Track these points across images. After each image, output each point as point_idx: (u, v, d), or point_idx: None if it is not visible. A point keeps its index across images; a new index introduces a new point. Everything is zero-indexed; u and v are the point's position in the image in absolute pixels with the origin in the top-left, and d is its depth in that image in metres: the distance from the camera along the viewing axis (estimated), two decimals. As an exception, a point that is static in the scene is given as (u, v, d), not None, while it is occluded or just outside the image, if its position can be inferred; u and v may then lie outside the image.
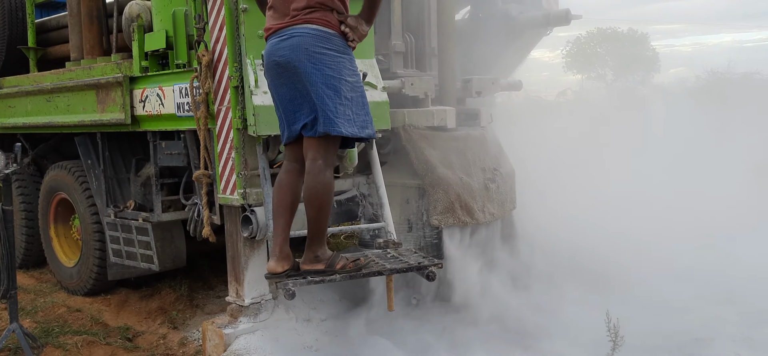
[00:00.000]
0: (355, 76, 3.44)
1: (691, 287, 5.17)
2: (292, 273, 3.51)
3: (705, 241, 5.93)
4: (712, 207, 6.44)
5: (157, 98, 4.97)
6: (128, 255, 5.54)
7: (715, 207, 6.45)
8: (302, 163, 3.50)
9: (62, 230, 6.48)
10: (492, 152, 5.08)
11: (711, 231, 6.08)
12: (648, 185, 6.73)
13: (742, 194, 6.77)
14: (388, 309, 3.87)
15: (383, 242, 4.03)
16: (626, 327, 4.02)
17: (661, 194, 6.58)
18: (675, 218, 6.16)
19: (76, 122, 5.68)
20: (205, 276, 6.31)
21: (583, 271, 4.99)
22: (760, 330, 4.49)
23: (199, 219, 4.88)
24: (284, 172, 3.57)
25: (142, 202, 5.57)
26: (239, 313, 4.63)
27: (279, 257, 3.50)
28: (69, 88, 5.72)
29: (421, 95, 4.95)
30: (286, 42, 3.35)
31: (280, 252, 3.50)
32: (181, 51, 4.79)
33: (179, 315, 5.51)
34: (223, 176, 4.54)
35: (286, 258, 3.51)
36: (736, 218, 6.40)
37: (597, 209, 5.81)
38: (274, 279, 3.52)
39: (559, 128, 7.51)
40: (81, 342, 4.96)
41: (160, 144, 5.18)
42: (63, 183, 6.20)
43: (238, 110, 4.31)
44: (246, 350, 4.38)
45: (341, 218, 4.85)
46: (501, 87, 5.54)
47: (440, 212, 4.66)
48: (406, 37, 5.27)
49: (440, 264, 3.70)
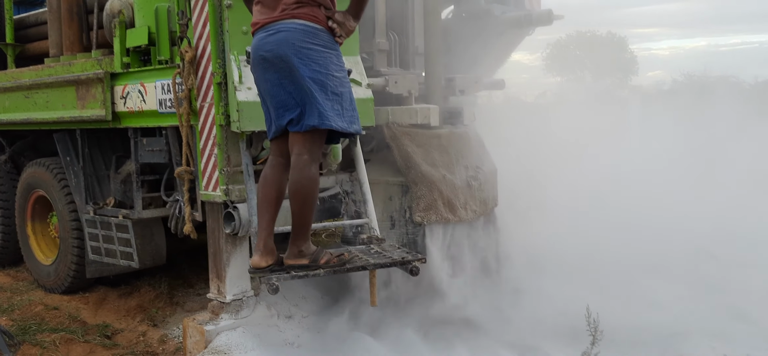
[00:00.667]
0: (342, 72, 3.46)
1: (669, 282, 5.25)
2: (276, 268, 3.51)
3: (683, 237, 6.03)
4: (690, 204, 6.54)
5: (138, 94, 4.94)
6: (107, 253, 5.50)
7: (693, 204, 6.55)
8: (288, 158, 3.51)
9: (40, 227, 6.41)
10: (474, 150, 5.12)
11: (689, 227, 6.18)
12: (627, 182, 6.82)
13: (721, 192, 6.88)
14: (371, 305, 3.88)
15: (367, 238, 4.05)
16: (605, 321, 4.07)
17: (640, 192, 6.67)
18: (654, 214, 6.25)
19: (55, 119, 5.63)
20: (185, 273, 6.27)
21: (564, 267, 5.05)
22: (733, 325, 4.58)
23: (181, 216, 4.86)
24: (269, 167, 3.58)
25: (122, 199, 5.53)
26: (220, 310, 4.62)
27: (263, 251, 3.50)
28: (48, 84, 5.67)
29: (404, 93, 4.97)
30: (273, 37, 3.35)
31: (264, 247, 3.50)
32: (163, 47, 4.76)
33: (159, 313, 5.48)
34: (206, 173, 4.52)
35: (270, 253, 3.52)
36: (714, 214, 6.50)
37: (577, 206, 5.88)
38: (257, 274, 3.52)
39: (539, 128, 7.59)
40: (59, 339, 4.91)
41: (142, 141, 5.15)
42: (41, 180, 6.14)
43: (221, 107, 4.30)
44: (227, 347, 4.37)
45: (324, 215, 4.87)
46: (484, 86, 5.58)
47: (423, 209, 4.68)
48: (390, 36, 5.29)
49: (423, 259, 3.73)
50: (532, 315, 4.61)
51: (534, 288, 4.80)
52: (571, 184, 6.35)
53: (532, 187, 6.05)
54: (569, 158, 6.71)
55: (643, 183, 6.84)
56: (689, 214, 6.39)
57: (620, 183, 6.68)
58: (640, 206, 6.37)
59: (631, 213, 6.15)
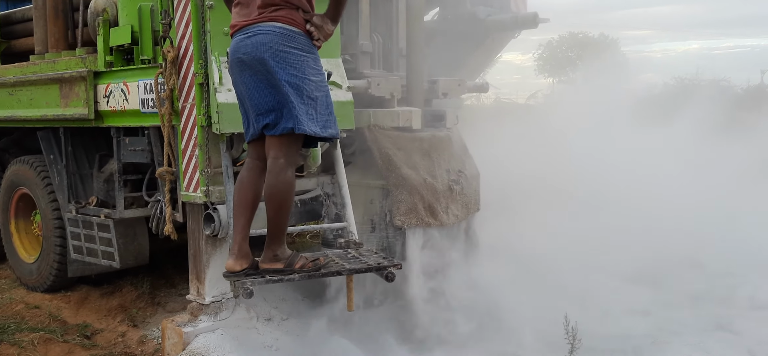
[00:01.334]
0: (320, 76, 3.44)
1: (652, 290, 5.24)
2: (251, 272, 3.49)
3: (669, 245, 6.02)
4: (678, 211, 6.54)
5: (121, 93, 4.92)
6: (89, 252, 5.47)
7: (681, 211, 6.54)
8: (265, 161, 3.49)
9: (23, 225, 6.38)
10: (457, 154, 5.11)
11: (676, 235, 6.17)
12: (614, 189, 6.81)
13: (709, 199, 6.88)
14: (348, 309, 3.87)
15: (344, 242, 4.03)
16: (584, 329, 4.06)
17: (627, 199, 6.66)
18: (641, 221, 6.25)
19: (38, 117, 5.60)
20: (168, 274, 6.24)
21: (546, 274, 5.03)
22: (714, 335, 4.57)
23: (162, 216, 4.83)
24: (246, 169, 3.56)
25: (104, 198, 5.50)
26: (199, 311, 4.60)
27: (238, 255, 3.49)
28: (32, 81, 5.64)
29: (387, 96, 4.95)
30: (251, 39, 3.34)
31: (239, 251, 3.49)
32: (146, 46, 4.74)
33: (140, 313, 5.46)
34: (187, 174, 4.50)
35: (245, 257, 3.50)
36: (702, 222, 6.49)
37: (562, 213, 5.87)
38: (232, 278, 3.50)
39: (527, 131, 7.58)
40: (37, 339, 4.88)
41: (124, 140, 5.13)
42: (24, 178, 6.11)
43: (203, 108, 4.28)
44: (205, 349, 4.35)
45: (305, 218, 4.84)
46: (467, 89, 5.57)
47: (403, 213, 4.66)
48: (373, 38, 5.27)
49: (399, 265, 3.71)
50: (511, 322, 4.59)
51: (514, 294, 4.78)
52: (558, 189, 6.35)
53: (517, 191, 6.04)
54: (556, 163, 6.71)
55: (631, 190, 6.84)
56: (677, 222, 6.38)
57: (607, 190, 6.68)
58: (627, 213, 6.36)
59: (616, 220, 6.15)
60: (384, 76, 5.01)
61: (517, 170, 6.22)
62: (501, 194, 5.81)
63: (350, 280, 3.87)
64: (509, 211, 5.63)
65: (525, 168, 6.42)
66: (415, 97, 5.11)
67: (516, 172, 6.19)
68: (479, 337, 4.50)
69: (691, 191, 6.94)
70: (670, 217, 6.44)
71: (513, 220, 5.58)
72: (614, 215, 6.27)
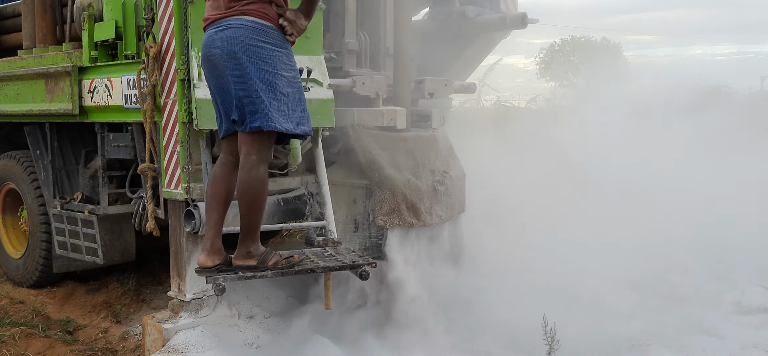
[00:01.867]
0: (292, 72, 3.41)
1: (634, 293, 5.21)
2: (224, 268, 3.47)
3: (658, 248, 5.99)
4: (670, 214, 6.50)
5: (105, 88, 4.90)
6: (73, 248, 5.45)
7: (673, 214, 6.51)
8: (238, 157, 3.47)
9: (10, 220, 6.37)
10: (442, 154, 5.08)
11: (666, 238, 6.14)
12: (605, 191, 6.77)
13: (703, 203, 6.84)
14: (325, 307, 3.86)
15: (323, 240, 4.01)
16: (565, 331, 4.03)
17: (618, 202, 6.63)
18: (631, 224, 6.21)
19: (24, 111, 5.59)
20: (155, 270, 6.22)
21: (529, 276, 5.00)
22: (697, 338, 4.54)
23: (144, 213, 4.81)
24: (219, 165, 3.54)
25: (90, 194, 5.49)
26: (180, 308, 4.57)
27: (210, 251, 3.46)
28: (19, 76, 5.63)
29: (372, 95, 4.92)
30: (222, 33, 3.32)
31: (211, 246, 3.46)
32: (130, 42, 4.72)
33: (123, 310, 5.45)
34: (168, 170, 4.48)
35: (218, 253, 3.48)
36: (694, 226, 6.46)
37: (549, 214, 5.83)
38: (204, 273, 3.48)
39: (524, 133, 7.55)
40: (19, 334, 4.87)
41: (108, 136, 5.11)
42: (11, 173, 6.10)
43: (185, 104, 4.26)
44: (185, 345, 4.33)
45: (288, 217, 4.81)
46: (454, 89, 5.54)
47: (386, 213, 4.64)
48: (360, 36, 5.25)
49: (374, 264, 3.69)
50: (491, 324, 4.56)
51: (495, 296, 4.76)
52: (548, 191, 6.31)
53: (505, 193, 6.01)
54: (548, 165, 6.67)
55: (622, 193, 6.81)
56: (667, 225, 6.35)
57: (598, 192, 6.65)
58: (617, 216, 6.33)
59: (605, 223, 6.11)
60: (369, 75, 4.98)
61: (508, 171, 6.19)
62: (492, 196, 5.79)
63: (328, 279, 3.86)
64: (498, 213, 5.60)
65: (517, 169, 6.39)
66: (402, 96, 5.09)
67: (506, 173, 6.16)
68: (459, 337, 4.47)
69: (687, 195, 6.90)
70: (665, 221, 6.40)
71: (501, 222, 5.54)
72: (607, 218, 6.23)
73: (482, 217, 5.41)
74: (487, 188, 5.75)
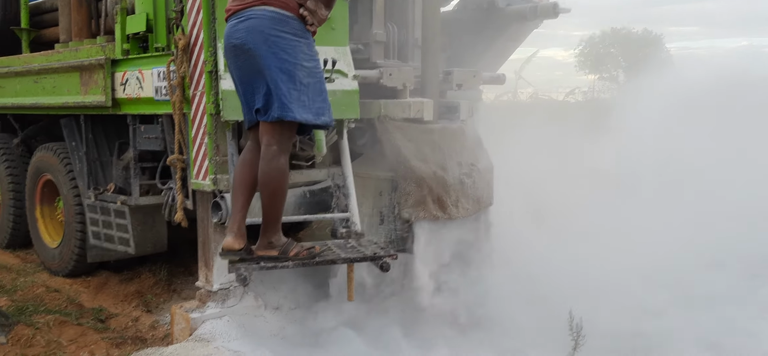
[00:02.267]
0: (313, 62, 3.41)
1: (669, 291, 5.08)
2: (245, 257, 3.48)
3: (691, 245, 5.84)
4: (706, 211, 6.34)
5: (136, 81, 4.98)
6: (107, 238, 5.55)
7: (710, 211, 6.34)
8: None
9: (48, 211, 6.52)
10: (470, 147, 5.02)
11: (700, 235, 5.98)
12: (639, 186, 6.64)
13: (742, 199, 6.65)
14: (348, 299, 3.86)
15: (346, 232, 4.00)
16: (593, 327, 3.96)
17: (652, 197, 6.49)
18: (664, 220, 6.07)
19: (60, 104, 5.70)
20: (186, 261, 6.29)
21: (556, 270, 4.92)
22: (732, 338, 4.41)
23: (173, 204, 4.87)
24: (246, 151, 3.55)
25: (123, 185, 5.58)
26: (207, 298, 4.63)
27: (237, 234, 3.47)
28: (55, 69, 5.75)
29: (399, 86, 4.89)
30: (243, 24, 3.33)
31: (238, 230, 3.47)
32: (160, 34, 4.79)
33: (154, 299, 5.53)
34: (197, 161, 4.53)
35: (244, 237, 3.48)
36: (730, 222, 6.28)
37: (579, 209, 5.74)
38: (229, 256, 3.47)
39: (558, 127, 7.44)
40: (53, 321, 4.98)
41: (139, 128, 5.19)
42: (48, 164, 6.24)
43: (212, 95, 4.29)
44: (211, 335, 4.37)
45: (314, 209, 4.82)
46: (483, 80, 5.47)
47: (411, 206, 4.61)
48: (388, 27, 5.22)
49: (395, 256, 3.67)
50: (517, 318, 4.51)
51: (521, 290, 4.70)
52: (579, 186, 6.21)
53: (533, 187, 5.93)
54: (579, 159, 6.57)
55: (657, 188, 6.66)
56: (702, 221, 6.18)
57: (631, 187, 6.52)
58: (650, 211, 6.20)
59: (638, 219, 5.99)
60: (397, 67, 4.96)
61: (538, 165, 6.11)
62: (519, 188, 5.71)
63: (351, 270, 3.86)
64: (525, 206, 5.53)
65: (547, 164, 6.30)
66: (429, 88, 5.05)
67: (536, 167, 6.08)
68: (484, 331, 4.42)
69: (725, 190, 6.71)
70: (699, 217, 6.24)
71: (528, 215, 5.47)
72: (639, 214, 6.11)
73: (510, 211, 5.34)
74: (516, 182, 5.67)
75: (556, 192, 6.10)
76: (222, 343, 4.31)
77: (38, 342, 4.67)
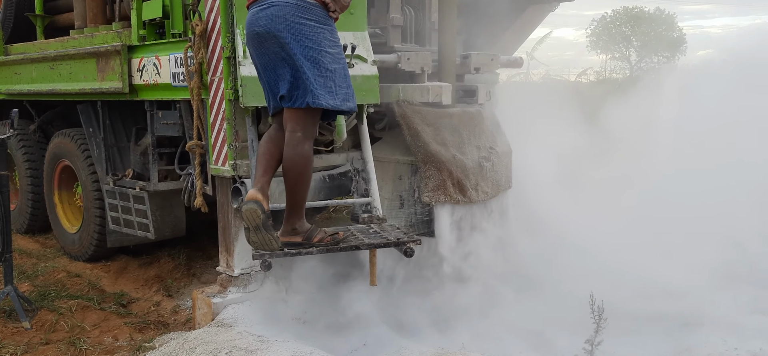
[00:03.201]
0: (337, 48, 3.40)
1: (687, 271, 5.06)
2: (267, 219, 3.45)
3: (711, 224, 5.79)
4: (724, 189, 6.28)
5: (153, 67, 4.98)
6: (126, 223, 5.59)
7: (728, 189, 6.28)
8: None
9: (66, 196, 6.56)
10: (488, 130, 5.02)
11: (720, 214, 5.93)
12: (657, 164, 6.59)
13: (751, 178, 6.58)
14: (371, 284, 3.87)
15: (368, 217, 4.01)
16: (615, 308, 3.96)
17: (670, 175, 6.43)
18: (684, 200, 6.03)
19: (77, 90, 5.72)
20: (205, 245, 6.33)
21: (577, 252, 4.91)
22: (754, 318, 4.40)
23: (193, 190, 4.89)
24: (273, 129, 3.56)
25: (141, 171, 5.60)
26: (229, 283, 4.66)
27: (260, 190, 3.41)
28: (71, 55, 5.76)
29: (417, 70, 4.88)
30: (266, 11, 3.32)
31: (261, 189, 3.42)
32: (177, 20, 4.78)
33: (174, 284, 5.57)
34: (216, 147, 4.54)
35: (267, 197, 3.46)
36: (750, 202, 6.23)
37: (598, 189, 5.72)
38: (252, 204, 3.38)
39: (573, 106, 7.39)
40: (75, 306, 5.02)
41: (157, 114, 5.19)
42: (66, 150, 6.27)
43: (231, 81, 4.29)
44: (233, 319, 4.40)
45: (334, 193, 4.82)
46: (500, 63, 5.45)
47: (431, 190, 4.61)
48: (405, 11, 5.20)
49: (419, 241, 3.67)
50: (538, 301, 4.52)
51: (542, 272, 4.71)
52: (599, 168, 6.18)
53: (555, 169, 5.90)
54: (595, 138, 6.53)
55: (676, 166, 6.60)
56: (722, 200, 6.13)
57: (649, 164, 6.48)
58: (669, 190, 6.16)
59: (657, 197, 5.96)
60: (414, 51, 4.94)
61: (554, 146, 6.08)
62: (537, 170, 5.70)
63: (374, 255, 3.87)
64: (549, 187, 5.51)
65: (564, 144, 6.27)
66: (447, 72, 5.03)
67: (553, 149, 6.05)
68: (506, 315, 4.43)
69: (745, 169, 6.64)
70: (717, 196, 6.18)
71: (547, 197, 5.45)
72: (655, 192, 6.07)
73: (530, 194, 5.33)
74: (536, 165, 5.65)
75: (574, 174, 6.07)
76: (245, 328, 4.34)
77: (62, 327, 4.72)
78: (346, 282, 5.04)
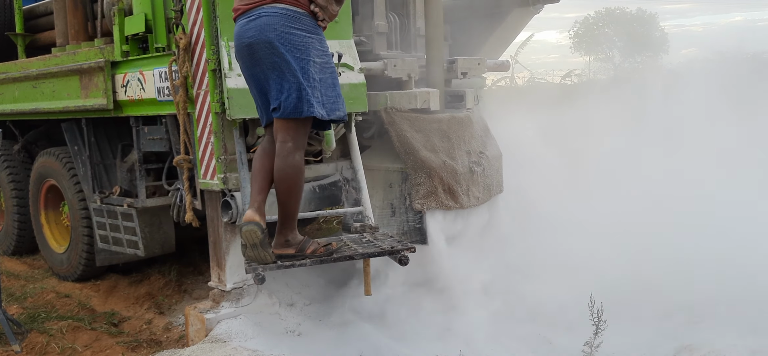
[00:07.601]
0: (325, 57, 3.38)
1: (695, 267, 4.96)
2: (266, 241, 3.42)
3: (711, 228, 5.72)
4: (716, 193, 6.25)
5: (138, 82, 4.93)
6: (114, 241, 5.52)
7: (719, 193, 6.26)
8: None
9: (53, 216, 6.48)
10: (478, 135, 5.00)
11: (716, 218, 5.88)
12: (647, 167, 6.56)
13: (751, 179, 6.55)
14: (365, 294, 3.83)
15: (360, 226, 3.98)
16: (614, 308, 3.92)
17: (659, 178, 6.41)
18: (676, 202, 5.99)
19: (60, 108, 5.65)
20: (195, 261, 6.28)
21: (572, 254, 4.87)
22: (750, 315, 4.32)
23: (182, 205, 4.84)
24: (266, 142, 3.52)
25: (128, 188, 5.55)
26: (221, 298, 4.60)
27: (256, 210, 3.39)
28: (54, 74, 5.69)
29: (404, 77, 4.86)
30: (254, 22, 3.29)
31: (258, 207, 3.41)
32: (160, 34, 4.74)
33: (166, 301, 5.50)
34: (203, 161, 4.49)
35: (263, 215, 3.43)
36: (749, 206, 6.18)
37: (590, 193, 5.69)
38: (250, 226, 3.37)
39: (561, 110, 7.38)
40: (66, 327, 4.95)
41: (143, 129, 5.15)
42: (52, 170, 6.19)
43: (217, 94, 4.25)
44: (227, 335, 4.35)
45: (324, 203, 4.79)
46: (487, 68, 5.44)
47: (423, 197, 4.59)
48: (389, 18, 5.18)
49: (413, 249, 3.65)
50: (535, 302, 4.49)
51: (538, 274, 4.67)
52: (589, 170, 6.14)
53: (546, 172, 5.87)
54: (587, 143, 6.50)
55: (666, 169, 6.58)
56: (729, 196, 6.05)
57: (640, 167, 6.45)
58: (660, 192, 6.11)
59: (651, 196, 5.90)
60: (401, 57, 4.92)
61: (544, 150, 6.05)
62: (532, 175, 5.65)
63: (367, 265, 3.83)
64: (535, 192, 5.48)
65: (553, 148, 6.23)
66: (434, 77, 5.01)
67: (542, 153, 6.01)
68: (502, 318, 4.40)
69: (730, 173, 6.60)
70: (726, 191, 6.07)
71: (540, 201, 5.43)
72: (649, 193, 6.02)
73: (523, 197, 5.30)
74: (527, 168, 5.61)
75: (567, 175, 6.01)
76: (239, 343, 4.29)
77: (53, 349, 4.65)
78: (339, 292, 5.01)
